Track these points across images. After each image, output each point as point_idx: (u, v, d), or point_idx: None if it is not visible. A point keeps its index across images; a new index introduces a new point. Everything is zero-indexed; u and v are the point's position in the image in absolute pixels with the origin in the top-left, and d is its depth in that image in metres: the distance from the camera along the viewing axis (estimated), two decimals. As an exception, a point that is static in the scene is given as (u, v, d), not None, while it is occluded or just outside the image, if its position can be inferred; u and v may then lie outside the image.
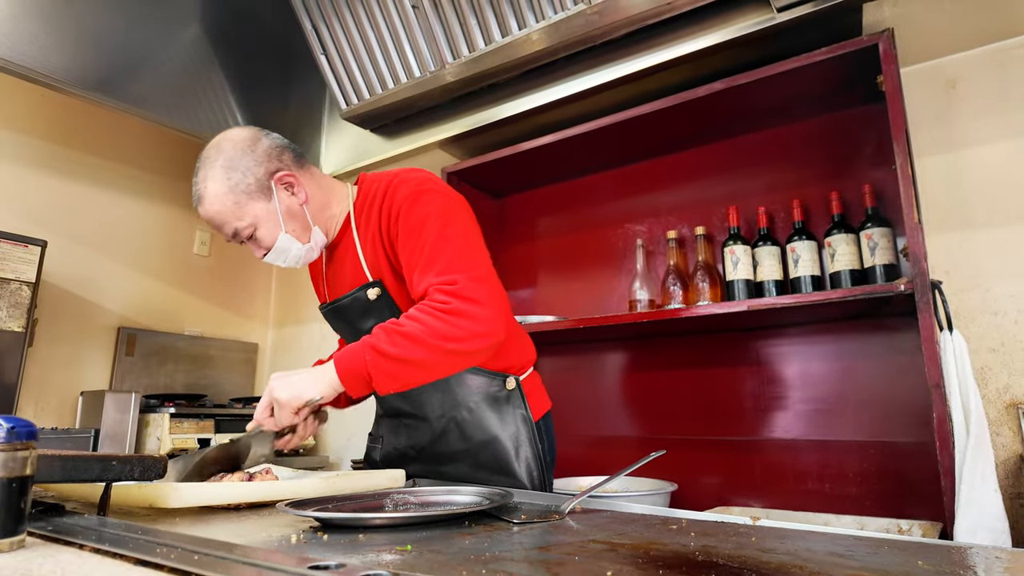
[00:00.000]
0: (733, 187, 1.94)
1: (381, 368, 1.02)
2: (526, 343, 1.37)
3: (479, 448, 1.24)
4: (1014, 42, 1.64)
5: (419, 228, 1.12)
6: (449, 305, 1.04)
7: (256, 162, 1.17)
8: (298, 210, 1.20)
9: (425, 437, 1.30)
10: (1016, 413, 1.52)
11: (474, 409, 1.23)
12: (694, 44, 1.67)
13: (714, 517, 0.89)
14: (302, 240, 1.22)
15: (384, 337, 1.03)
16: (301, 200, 1.20)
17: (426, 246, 1.10)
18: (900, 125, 1.41)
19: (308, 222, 1.22)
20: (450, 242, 1.10)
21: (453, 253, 1.09)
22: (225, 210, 1.16)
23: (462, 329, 1.03)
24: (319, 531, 0.76)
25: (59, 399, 2.41)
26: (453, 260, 1.08)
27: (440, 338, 1.02)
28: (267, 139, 1.21)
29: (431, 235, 1.10)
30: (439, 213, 1.13)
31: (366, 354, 1.03)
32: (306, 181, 1.22)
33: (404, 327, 1.03)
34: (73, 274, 2.50)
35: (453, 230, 1.12)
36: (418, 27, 1.94)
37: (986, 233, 1.62)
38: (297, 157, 1.24)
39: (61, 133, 2.54)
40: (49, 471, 0.73)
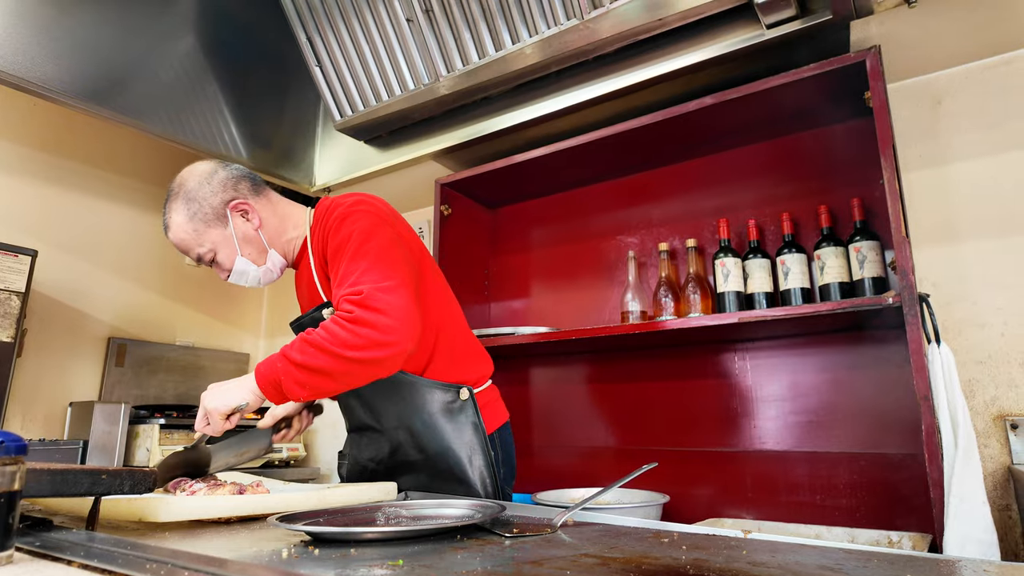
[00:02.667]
0: (724, 200, 1.96)
1: (291, 375, 1.07)
2: (481, 357, 1.43)
3: (435, 458, 1.28)
4: (997, 60, 1.68)
5: (341, 248, 1.19)
6: (352, 314, 1.07)
7: (212, 192, 1.28)
8: (253, 235, 1.30)
9: (384, 449, 1.35)
10: (1003, 425, 1.53)
11: (428, 420, 1.28)
12: (685, 59, 1.69)
13: (705, 530, 0.89)
14: (258, 263, 1.31)
15: (296, 345, 1.08)
16: (255, 225, 1.30)
17: (343, 263, 1.16)
18: (887, 140, 1.43)
19: (264, 246, 1.31)
20: (364, 256, 1.15)
21: (366, 266, 1.13)
22: (187, 237, 1.28)
23: (362, 337, 1.05)
24: (310, 545, 0.75)
25: (47, 410, 2.38)
26: (364, 273, 1.12)
27: (341, 346, 1.05)
28: (224, 171, 1.31)
29: (349, 252, 1.17)
30: (359, 231, 1.19)
31: (279, 362, 1.08)
32: (261, 208, 1.32)
33: (311, 336, 1.08)
34: (63, 284, 2.48)
35: (369, 246, 1.17)
36: (412, 40, 1.96)
37: (972, 246, 1.64)
38: (255, 185, 1.33)
39: (53, 142, 2.53)
40: (38, 485, 0.73)
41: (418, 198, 2.69)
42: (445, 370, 1.30)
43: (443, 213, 2.23)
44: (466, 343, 1.40)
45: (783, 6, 1.49)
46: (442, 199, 2.23)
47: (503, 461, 1.37)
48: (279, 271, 1.36)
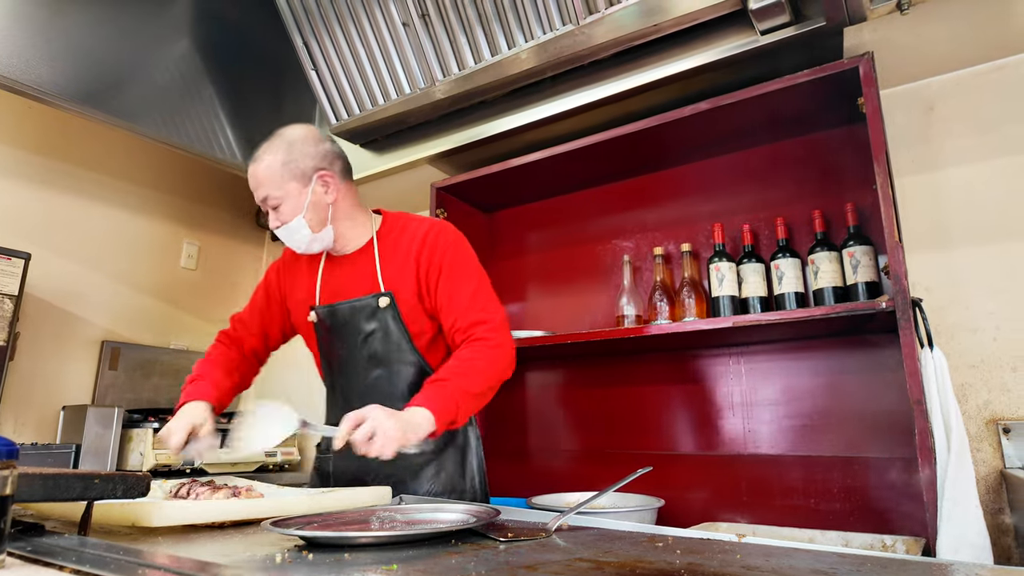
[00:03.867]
0: (718, 205, 1.97)
1: (467, 405, 1.23)
2: None
3: (436, 453, 1.37)
4: (988, 66, 1.69)
5: (462, 277, 1.37)
6: (492, 341, 1.31)
7: (311, 155, 1.37)
8: (323, 205, 1.38)
9: None
10: (996, 429, 1.54)
11: None
12: (680, 65, 1.70)
13: (699, 534, 0.89)
14: (314, 229, 1.38)
15: (462, 379, 1.24)
16: (330, 200, 1.39)
17: (464, 286, 1.36)
18: (880, 146, 1.45)
19: (326, 218, 1.39)
20: (484, 289, 1.39)
21: (486, 299, 1.37)
22: (270, 177, 1.35)
23: (505, 360, 1.32)
24: (304, 550, 0.75)
25: (40, 414, 2.37)
26: (487, 304, 1.36)
27: (498, 369, 1.30)
28: (329, 144, 1.43)
29: (471, 281, 1.37)
30: (476, 265, 1.41)
31: (454, 397, 1.21)
32: (343, 192, 1.42)
33: (469, 364, 1.27)
34: (57, 287, 2.47)
35: (484, 281, 1.40)
36: (408, 44, 1.96)
37: (965, 251, 1.65)
38: (346, 171, 1.45)
39: (48, 145, 2.52)
40: (30, 490, 0.72)
41: (414, 202, 2.69)
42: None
43: (439, 217, 2.23)
44: None
45: (777, 13, 1.50)
46: (438, 203, 2.24)
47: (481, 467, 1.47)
48: (322, 247, 1.43)
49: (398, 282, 1.37)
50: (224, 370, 1.46)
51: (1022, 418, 1.52)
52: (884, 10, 1.48)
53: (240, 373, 1.51)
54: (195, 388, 1.38)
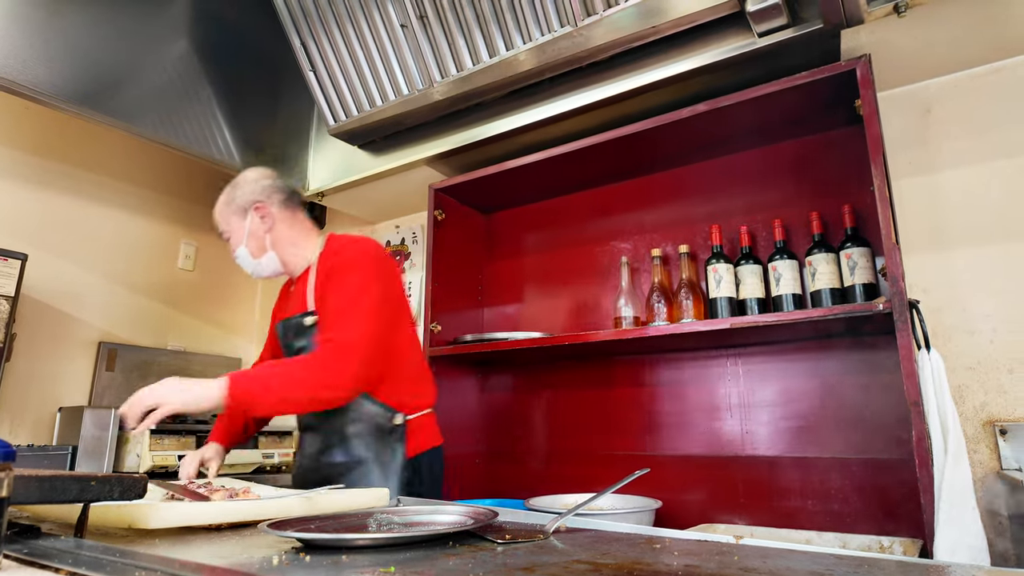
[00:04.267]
0: (716, 206, 1.98)
1: (267, 401, 1.31)
2: (426, 387, 1.61)
3: (355, 465, 1.47)
4: (985, 69, 1.70)
5: (338, 290, 1.43)
6: (324, 357, 1.34)
7: (250, 191, 1.58)
8: (260, 235, 1.56)
9: (316, 446, 1.53)
10: (992, 430, 1.54)
11: (360, 430, 1.47)
12: (678, 67, 1.71)
13: (697, 536, 0.89)
14: (254, 255, 1.57)
15: (276, 377, 1.31)
16: (266, 228, 1.56)
17: (334, 304, 1.42)
18: (877, 148, 1.45)
19: (265, 245, 1.56)
20: (351, 309, 1.40)
21: (348, 319, 1.38)
22: (219, 215, 1.60)
23: (327, 375, 1.32)
24: (301, 552, 0.75)
25: (36, 415, 2.36)
26: (346, 324, 1.38)
27: (309, 384, 1.32)
28: (269, 181, 1.61)
29: (343, 299, 1.42)
30: (355, 285, 1.43)
31: (257, 388, 1.29)
32: (280, 219, 1.58)
33: (289, 369, 1.33)
34: (54, 288, 2.46)
35: (359, 301, 1.41)
36: (407, 46, 1.96)
37: (961, 253, 1.65)
38: (286, 201, 1.60)
39: (45, 146, 2.52)
40: (26, 492, 0.72)
41: (412, 203, 2.69)
42: (389, 394, 1.48)
43: (437, 218, 2.23)
44: (416, 374, 1.58)
45: (775, 15, 1.50)
46: (436, 204, 2.24)
47: (426, 482, 1.52)
48: (271, 271, 1.60)
49: (317, 303, 1.50)
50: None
51: (1019, 419, 1.53)
52: (881, 12, 1.49)
53: None
54: (214, 430, 1.69)
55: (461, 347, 2.07)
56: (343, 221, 3.13)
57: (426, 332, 2.12)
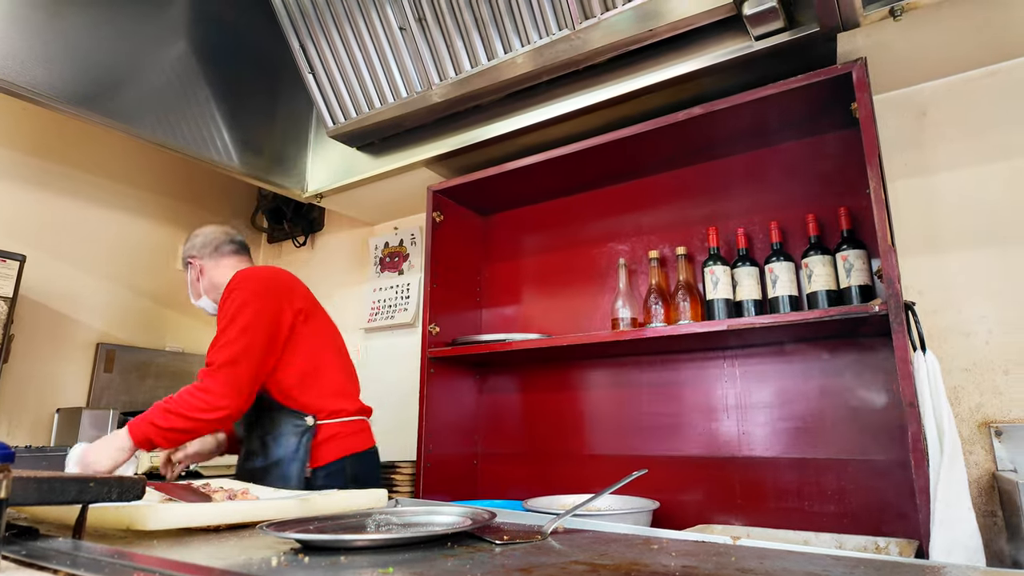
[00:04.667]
0: (713, 209, 1.98)
1: (159, 435, 1.48)
2: (349, 394, 1.77)
3: (273, 467, 1.61)
4: (981, 72, 1.71)
5: (220, 320, 1.62)
6: (201, 384, 1.52)
7: (187, 250, 1.88)
8: (194, 282, 1.86)
9: (244, 452, 1.71)
10: (988, 432, 1.55)
11: (274, 436, 1.63)
12: (675, 70, 1.71)
13: (694, 536, 0.90)
14: (194, 298, 1.87)
15: (159, 414, 1.49)
16: (195, 277, 1.85)
17: (217, 333, 1.59)
18: (873, 150, 1.46)
19: (199, 291, 1.85)
20: (223, 335, 1.57)
21: (222, 344, 1.55)
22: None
23: (204, 402, 1.49)
24: (300, 553, 0.75)
25: (34, 416, 2.36)
26: (220, 349, 1.55)
27: (189, 410, 1.49)
28: (205, 238, 1.87)
29: (219, 326, 1.60)
30: (227, 313, 1.60)
31: (150, 428, 1.48)
32: (208, 267, 1.84)
33: (170, 404, 1.49)
34: (52, 289, 2.46)
35: (231, 327, 1.57)
36: (405, 48, 1.97)
37: (957, 255, 1.66)
38: (215, 251, 1.86)
39: (44, 147, 2.52)
40: (24, 494, 0.72)
41: (410, 205, 2.70)
42: (303, 399, 1.65)
43: (435, 220, 2.24)
44: (339, 381, 1.74)
45: (771, 18, 1.51)
46: (434, 206, 2.24)
47: (344, 486, 1.62)
48: (211, 311, 1.84)
49: None
50: None
51: (1014, 421, 1.53)
52: (877, 16, 1.49)
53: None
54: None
55: (459, 348, 2.08)
56: (341, 223, 3.13)
57: (424, 334, 2.13)
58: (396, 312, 2.76)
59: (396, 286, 2.80)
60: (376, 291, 2.87)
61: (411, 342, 2.65)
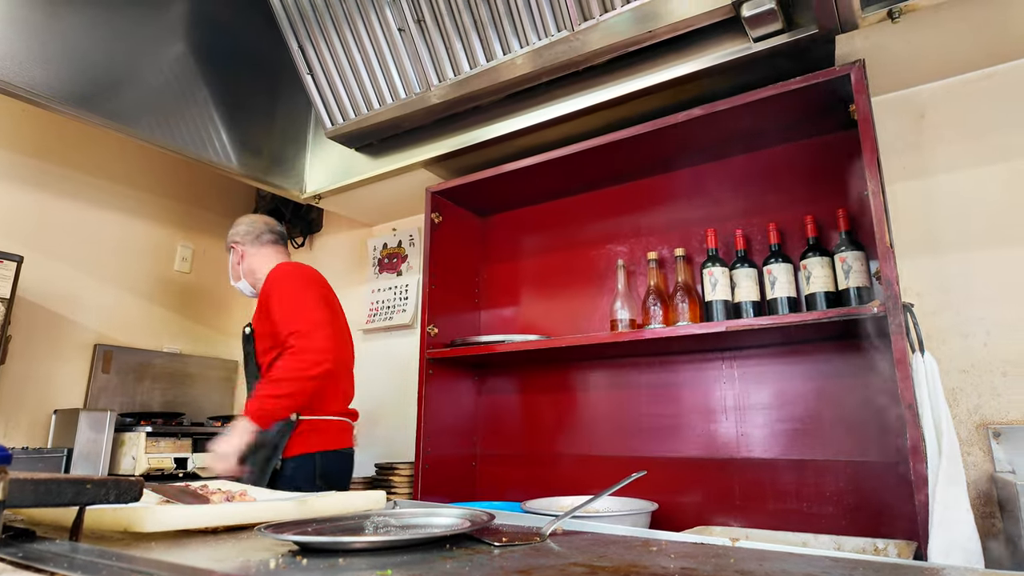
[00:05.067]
0: (711, 210, 1.98)
1: (277, 406, 1.68)
2: (337, 396, 1.93)
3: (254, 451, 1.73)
4: (978, 74, 1.71)
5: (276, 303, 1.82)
6: (296, 347, 1.71)
7: (231, 236, 2.11)
8: (235, 266, 2.09)
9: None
10: (986, 433, 1.55)
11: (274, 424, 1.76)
12: (674, 71, 1.71)
13: (693, 538, 0.90)
14: (233, 280, 2.11)
15: (268, 386, 1.69)
16: (236, 261, 2.08)
17: (279, 312, 1.80)
18: (872, 152, 1.46)
19: (239, 274, 2.08)
20: (294, 307, 1.80)
21: (297, 314, 1.78)
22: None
23: (306, 360, 1.70)
24: (298, 555, 0.75)
25: (31, 417, 2.35)
26: (298, 318, 1.76)
27: (295, 370, 1.69)
28: (248, 226, 2.10)
29: (284, 305, 1.81)
30: (290, 290, 1.84)
31: (266, 402, 1.67)
32: (249, 253, 2.07)
33: (273, 374, 1.71)
34: (50, 290, 2.46)
35: (299, 299, 1.82)
36: (404, 49, 1.97)
37: (955, 257, 1.67)
38: (256, 239, 2.08)
39: (42, 148, 2.51)
40: (21, 495, 0.72)
41: (409, 206, 2.69)
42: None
43: (434, 221, 2.24)
44: (333, 384, 1.89)
45: (770, 20, 1.51)
46: (433, 207, 2.24)
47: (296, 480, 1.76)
48: (248, 293, 2.10)
49: (256, 316, 1.93)
50: None
51: (1012, 422, 1.54)
52: (875, 18, 1.50)
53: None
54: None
55: (458, 349, 2.08)
56: (340, 224, 3.13)
57: (423, 335, 2.13)
58: (394, 313, 2.75)
59: (394, 287, 2.80)
60: (374, 292, 2.86)
61: (409, 343, 2.65)
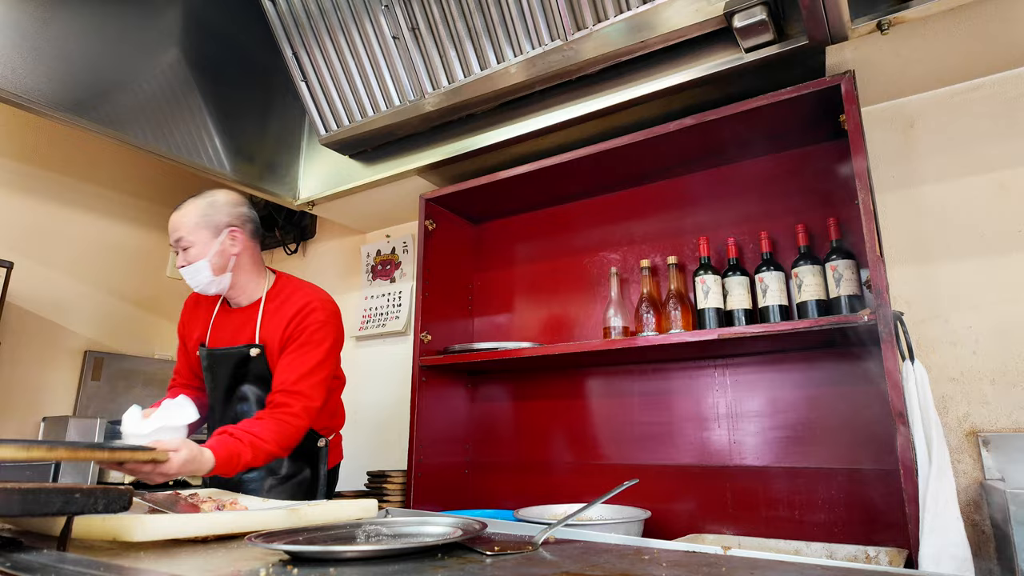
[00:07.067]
0: (704, 218, 2.00)
1: (246, 465, 1.44)
2: (338, 416, 1.86)
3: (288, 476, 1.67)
4: (965, 86, 1.73)
5: (308, 353, 1.61)
6: (288, 411, 1.54)
7: (227, 214, 1.67)
8: (227, 255, 1.66)
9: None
10: (976, 441, 1.56)
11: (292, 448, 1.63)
12: (666, 81, 1.73)
13: (685, 547, 0.90)
14: (215, 273, 1.65)
15: (249, 449, 1.44)
16: (235, 251, 1.66)
17: (299, 355, 1.60)
18: (862, 162, 1.47)
19: (227, 266, 1.66)
20: (314, 368, 1.60)
21: (310, 376, 1.59)
22: (185, 223, 1.62)
23: (291, 432, 1.53)
24: (289, 564, 0.75)
25: (19, 425, 2.33)
26: (307, 380, 1.58)
27: (280, 440, 1.51)
28: (247, 210, 1.73)
29: (308, 355, 1.60)
30: (322, 347, 1.62)
31: (239, 459, 1.42)
32: (246, 248, 1.70)
33: (259, 438, 1.46)
34: (40, 296, 2.44)
35: (321, 361, 1.62)
36: (398, 57, 1.97)
37: (944, 266, 1.68)
38: (255, 235, 1.74)
39: (33, 153, 2.50)
40: (7, 504, 0.71)
41: (402, 213, 2.70)
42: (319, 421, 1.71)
43: (427, 228, 2.24)
44: (336, 404, 1.82)
45: (761, 31, 1.53)
46: (426, 214, 2.24)
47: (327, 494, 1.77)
48: (216, 290, 1.70)
49: (271, 338, 1.65)
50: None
51: (1001, 430, 1.55)
52: (865, 30, 1.52)
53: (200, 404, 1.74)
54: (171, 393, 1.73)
55: (451, 357, 2.07)
56: (333, 230, 3.13)
57: (416, 342, 2.12)
58: (388, 320, 2.75)
59: (388, 294, 2.80)
60: (368, 299, 2.86)
61: (402, 350, 2.64)
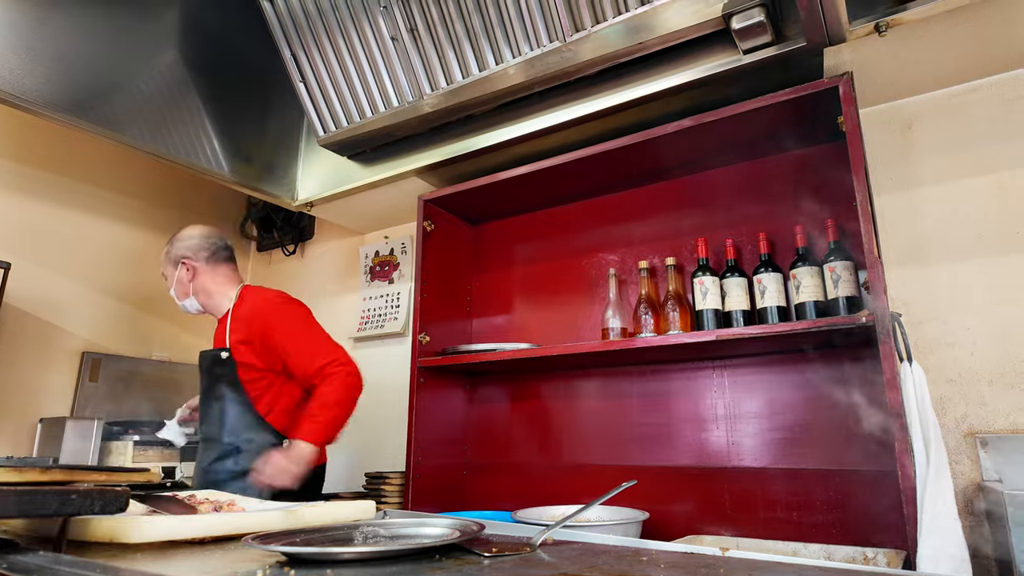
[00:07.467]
0: (702, 220, 2.00)
1: (332, 429, 1.78)
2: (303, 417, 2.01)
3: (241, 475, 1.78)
4: (964, 87, 1.74)
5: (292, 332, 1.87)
6: (343, 373, 1.81)
7: (181, 248, 2.00)
8: (185, 283, 1.99)
9: (212, 455, 1.85)
10: (974, 442, 1.56)
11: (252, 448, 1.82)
12: (665, 82, 1.73)
13: (683, 548, 0.90)
14: (179, 298, 2.01)
15: (319, 412, 1.77)
16: (189, 278, 1.99)
17: (300, 342, 1.85)
18: (860, 163, 1.48)
19: (188, 292, 1.99)
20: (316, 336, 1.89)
21: (322, 342, 1.88)
22: (161, 259, 2.06)
23: (355, 386, 1.83)
24: (286, 566, 0.74)
25: (16, 426, 2.32)
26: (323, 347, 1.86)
27: (349, 396, 1.81)
28: (201, 240, 2.01)
29: (303, 335, 1.87)
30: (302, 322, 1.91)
31: (320, 429, 1.75)
32: (202, 272, 1.98)
33: (326, 399, 1.78)
34: (37, 297, 2.43)
35: (314, 329, 1.91)
36: (397, 58, 1.97)
37: (942, 268, 1.68)
38: (211, 258, 2.00)
39: (31, 154, 2.50)
40: (3, 505, 0.71)
41: (401, 214, 2.69)
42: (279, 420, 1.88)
43: (426, 229, 2.24)
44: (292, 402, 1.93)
45: (759, 33, 1.53)
46: (425, 215, 2.24)
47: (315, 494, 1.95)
48: (193, 310, 2.03)
49: (237, 341, 1.88)
50: None
51: (999, 431, 1.55)
52: (863, 32, 1.52)
53: None
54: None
55: (449, 358, 2.07)
56: (332, 231, 3.13)
57: (414, 343, 2.12)
58: (386, 321, 2.75)
59: (386, 295, 2.80)
60: (366, 300, 2.86)
61: (401, 351, 2.64)
